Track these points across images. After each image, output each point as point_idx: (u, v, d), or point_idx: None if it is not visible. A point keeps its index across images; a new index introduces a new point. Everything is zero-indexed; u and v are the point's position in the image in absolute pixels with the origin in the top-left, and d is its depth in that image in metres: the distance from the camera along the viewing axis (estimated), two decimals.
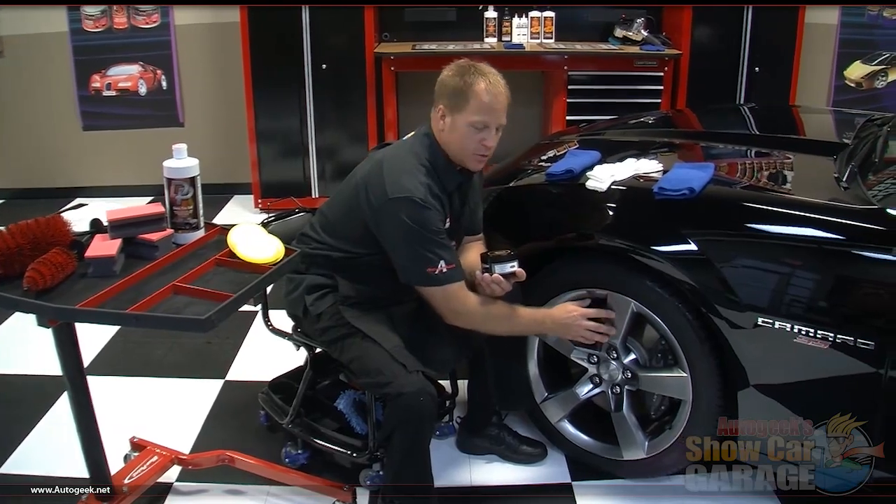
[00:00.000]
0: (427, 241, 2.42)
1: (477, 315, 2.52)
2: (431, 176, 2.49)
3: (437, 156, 2.52)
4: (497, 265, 2.51)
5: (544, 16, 5.56)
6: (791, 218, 2.43)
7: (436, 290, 2.48)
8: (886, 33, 5.81)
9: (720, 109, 4.55)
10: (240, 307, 2.03)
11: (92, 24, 5.69)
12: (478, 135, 2.45)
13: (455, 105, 2.46)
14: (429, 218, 2.42)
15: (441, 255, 2.43)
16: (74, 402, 2.25)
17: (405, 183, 2.43)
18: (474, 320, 2.54)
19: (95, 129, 5.93)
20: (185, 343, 3.80)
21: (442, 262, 2.43)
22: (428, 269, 2.43)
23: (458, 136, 2.48)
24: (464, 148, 2.48)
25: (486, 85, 2.44)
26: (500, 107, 2.46)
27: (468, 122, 2.44)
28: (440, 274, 2.44)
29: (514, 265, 2.52)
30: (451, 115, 2.47)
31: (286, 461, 2.86)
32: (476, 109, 2.43)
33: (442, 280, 2.45)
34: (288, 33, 5.26)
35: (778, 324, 2.34)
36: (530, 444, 2.96)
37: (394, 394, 2.39)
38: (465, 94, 2.44)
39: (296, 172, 5.54)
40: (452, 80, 2.48)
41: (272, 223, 2.83)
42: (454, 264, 2.47)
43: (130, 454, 2.78)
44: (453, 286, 2.47)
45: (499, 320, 2.55)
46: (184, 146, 2.29)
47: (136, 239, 2.22)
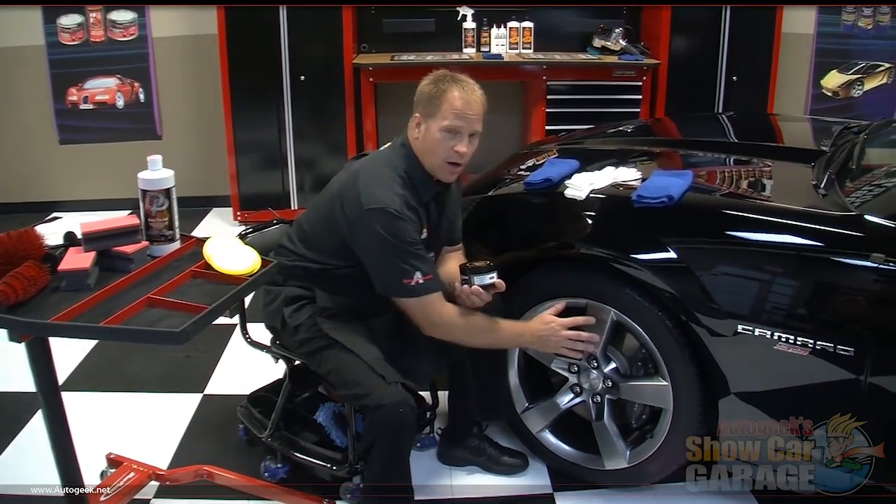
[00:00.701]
0: (403, 252, 2.40)
1: (454, 327, 2.51)
2: (407, 187, 2.48)
3: (413, 166, 2.51)
4: (476, 276, 2.49)
5: (523, 26, 5.57)
6: (770, 225, 2.43)
7: (412, 302, 2.46)
8: (862, 43, 5.86)
9: (699, 118, 4.56)
10: (215, 319, 2.01)
11: (69, 37, 5.64)
12: (450, 141, 2.44)
13: (429, 111, 2.46)
14: (404, 229, 2.40)
15: (417, 266, 2.42)
16: (48, 418, 2.21)
17: (380, 194, 2.42)
18: (452, 332, 2.52)
19: (72, 142, 5.88)
20: (164, 357, 3.76)
21: (418, 273, 2.41)
22: (404, 281, 2.42)
23: (431, 143, 2.47)
24: (436, 154, 2.47)
25: (459, 92, 2.44)
26: (473, 113, 2.45)
27: (440, 126, 2.44)
28: (416, 285, 2.42)
29: (493, 276, 2.50)
30: (426, 121, 2.47)
31: (265, 475, 2.83)
32: (448, 114, 2.43)
33: (418, 291, 2.43)
34: (266, 45, 5.24)
35: (758, 331, 2.34)
36: (511, 455, 2.94)
37: (372, 406, 2.38)
38: (439, 99, 2.44)
39: (275, 184, 5.51)
40: (428, 88, 2.49)
41: (250, 235, 2.80)
42: (431, 275, 2.45)
43: (107, 470, 2.74)
44: (430, 297, 2.45)
45: (477, 333, 2.53)
46: (159, 157, 2.27)
47: (111, 251, 2.18)
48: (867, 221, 2.31)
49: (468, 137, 2.46)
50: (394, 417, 2.36)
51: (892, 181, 2.68)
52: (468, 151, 2.47)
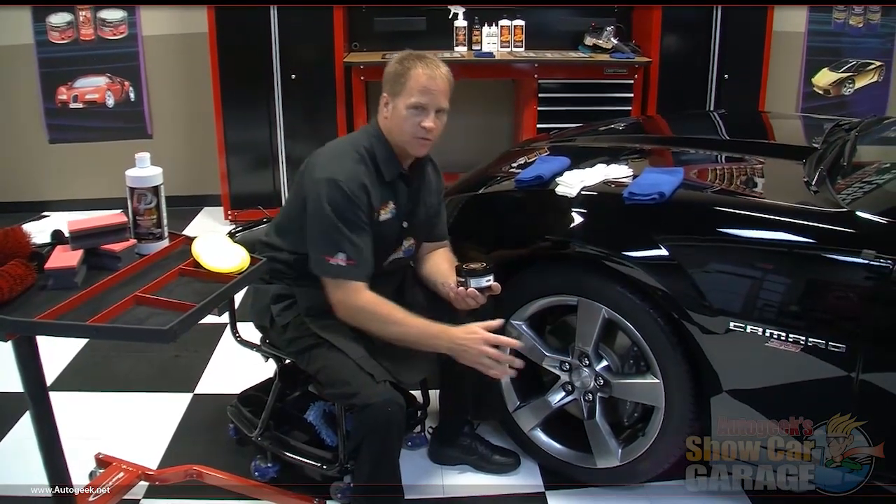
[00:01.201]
0: (335, 228, 2.41)
1: (364, 314, 2.47)
2: (365, 163, 2.49)
3: (378, 145, 2.53)
4: (473, 279, 2.46)
5: (514, 24, 5.56)
6: (761, 221, 2.43)
7: (328, 282, 2.46)
8: (853, 41, 5.88)
9: (690, 115, 4.56)
10: (203, 317, 1.99)
11: (58, 36, 5.62)
12: (417, 117, 2.45)
13: (395, 90, 2.48)
14: (345, 204, 2.41)
15: (343, 247, 2.41)
16: (36, 418, 2.18)
17: (332, 166, 2.45)
18: (361, 320, 2.48)
19: (62, 141, 5.85)
20: (154, 357, 3.74)
21: (342, 254, 2.41)
22: (326, 257, 2.42)
23: (398, 120, 2.48)
24: (404, 131, 2.48)
25: (423, 69, 2.46)
26: (438, 89, 2.47)
27: (407, 104, 2.45)
28: (335, 266, 2.42)
29: (489, 279, 2.47)
30: (393, 100, 2.49)
31: (256, 475, 2.81)
32: (413, 91, 2.45)
33: (335, 272, 2.43)
34: (257, 43, 5.22)
35: (749, 328, 2.33)
36: (503, 454, 2.93)
37: (361, 405, 2.36)
38: (404, 77, 2.46)
39: (266, 183, 5.50)
40: (393, 67, 2.51)
41: (239, 233, 2.79)
42: (356, 262, 2.43)
43: (96, 471, 2.72)
44: (347, 283, 2.44)
45: (387, 325, 2.47)
46: (147, 155, 2.25)
47: (98, 250, 2.16)
48: (859, 218, 2.31)
49: (434, 113, 2.47)
50: (382, 416, 2.34)
51: (883, 178, 2.67)
52: (435, 127, 2.48)
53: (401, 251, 2.66)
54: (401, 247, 2.65)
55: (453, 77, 2.54)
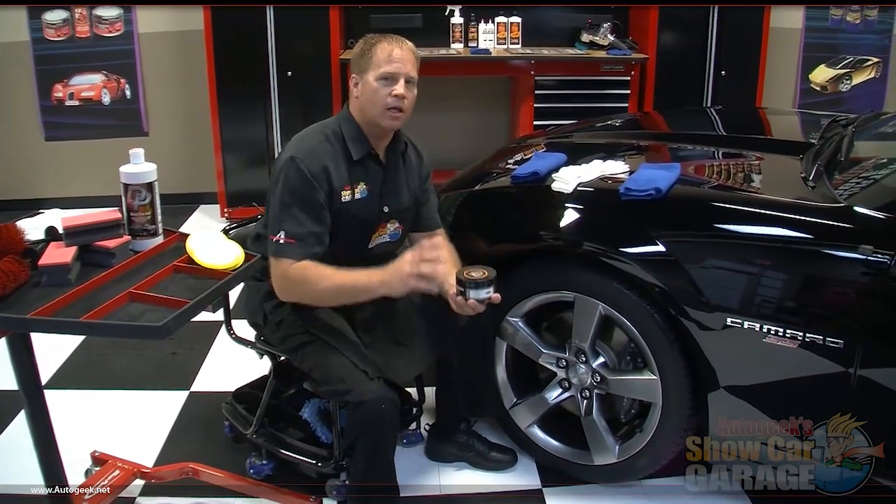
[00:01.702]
0: (282, 205, 2.41)
1: (297, 284, 2.42)
2: (330, 142, 2.49)
3: (347, 125, 2.53)
4: (472, 290, 2.36)
5: (510, 21, 5.55)
6: (759, 217, 2.42)
7: (270, 261, 2.45)
8: (850, 37, 5.88)
9: (687, 111, 4.55)
10: (198, 314, 1.99)
11: (54, 33, 5.60)
12: (387, 87, 2.44)
13: (362, 66, 2.48)
14: (297, 181, 2.41)
15: (285, 225, 2.39)
16: (31, 415, 2.18)
17: (296, 146, 2.49)
18: (297, 290, 2.44)
19: (58, 139, 5.84)
20: (150, 354, 3.74)
21: (282, 232, 2.39)
22: (270, 235, 2.42)
23: (369, 95, 2.47)
24: (375, 104, 2.46)
25: (387, 42, 2.47)
26: (405, 59, 2.47)
27: (376, 75, 2.45)
28: (274, 244, 2.40)
29: (489, 291, 2.37)
30: (361, 77, 2.49)
31: (251, 472, 2.81)
32: (380, 62, 2.45)
33: (272, 250, 2.42)
34: (253, 40, 5.21)
35: (747, 324, 2.32)
36: (500, 451, 2.93)
37: (355, 402, 2.36)
38: (368, 52, 2.47)
39: (262, 181, 5.44)
40: (358, 48, 2.53)
41: (233, 230, 2.78)
42: (295, 240, 2.39)
43: (92, 469, 2.72)
44: (283, 261, 2.40)
45: (319, 284, 2.40)
46: (141, 151, 2.25)
47: (93, 246, 2.16)
48: (856, 213, 2.30)
49: (404, 82, 2.46)
50: (376, 413, 2.33)
51: (880, 173, 2.66)
52: (406, 95, 2.47)
53: (385, 234, 2.63)
54: (385, 230, 2.62)
55: (447, 73, 2.53)
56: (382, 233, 2.62)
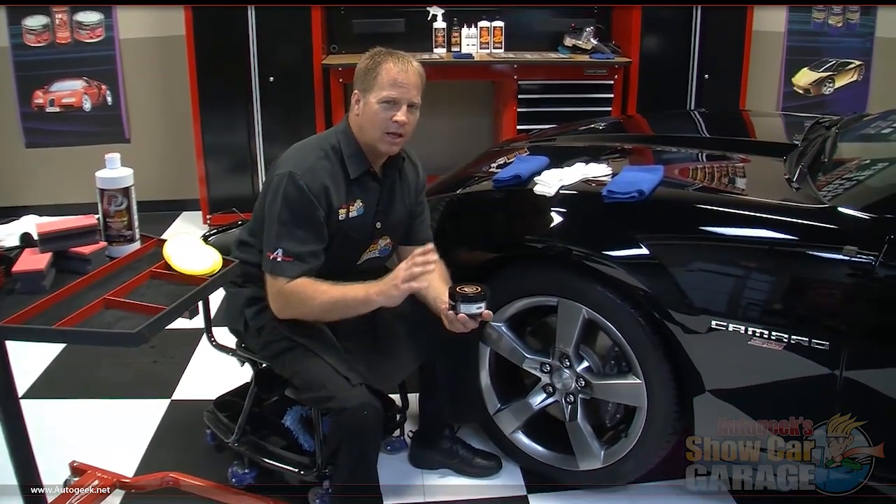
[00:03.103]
0: (279, 222, 2.38)
1: (292, 299, 2.41)
2: (329, 159, 2.46)
3: (346, 142, 2.50)
4: (464, 305, 2.35)
5: (493, 25, 5.53)
6: (743, 219, 2.42)
7: (267, 278, 2.43)
8: (832, 41, 5.89)
9: (671, 114, 4.55)
10: (174, 320, 1.96)
11: (34, 39, 5.55)
12: (388, 111, 2.42)
13: (366, 86, 2.45)
14: (296, 199, 2.38)
15: (283, 243, 2.38)
16: (6, 424, 2.14)
17: (294, 161, 2.44)
18: (293, 305, 2.43)
19: (39, 146, 5.77)
20: (131, 363, 3.69)
21: (280, 250, 2.37)
22: (267, 253, 2.40)
23: (369, 116, 2.44)
24: (375, 127, 2.44)
25: (394, 63, 2.43)
26: (410, 83, 2.44)
27: (378, 98, 2.42)
28: (271, 262, 2.39)
29: (481, 307, 2.36)
30: (364, 96, 2.46)
31: (233, 481, 2.77)
32: (384, 85, 2.42)
33: (269, 267, 2.40)
34: (234, 46, 5.17)
35: (732, 326, 2.32)
36: (484, 457, 2.90)
37: (337, 408, 2.33)
38: (374, 71, 2.43)
39: (244, 187, 5.44)
40: (364, 64, 2.48)
41: (213, 236, 2.76)
42: (292, 258, 2.38)
43: (70, 479, 2.67)
44: (279, 280, 2.39)
45: (314, 299, 2.39)
46: (117, 155, 2.22)
47: (68, 252, 2.12)
48: (841, 213, 2.30)
49: (406, 108, 2.44)
50: (358, 420, 2.31)
51: (864, 174, 2.65)
52: (407, 122, 2.44)
53: (376, 250, 2.62)
54: (376, 246, 2.61)
55: (431, 77, 2.51)
56: (373, 249, 2.61)
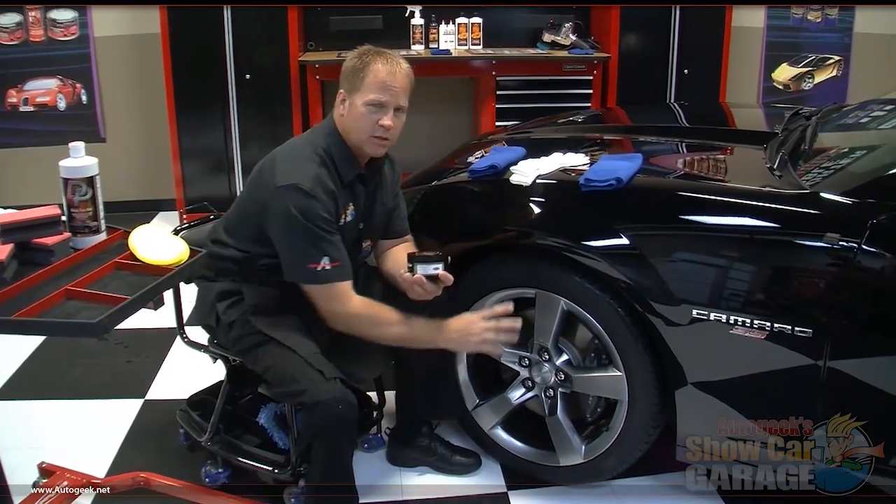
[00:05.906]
0: (311, 233, 2.32)
1: (360, 320, 2.41)
2: (325, 165, 2.40)
3: (336, 145, 2.45)
4: (420, 265, 2.36)
5: (471, 22, 5.50)
6: (725, 206, 2.40)
7: (316, 289, 2.38)
8: (811, 36, 5.91)
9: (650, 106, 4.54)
10: (137, 311, 1.91)
11: (7, 37, 5.47)
12: (375, 115, 2.38)
13: (353, 86, 2.40)
14: (315, 209, 2.32)
15: (325, 250, 2.33)
16: None
17: (293, 172, 2.36)
18: (357, 326, 2.42)
19: (12, 146, 5.70)
20: (105, 363, 3.64)
21: (326, 258, 2.33)
22: (310, 265, 2.34)
23: (355, 118, 2.40)
24: (361, 130, 2.40)
25: (383, 64, 2.39)
26: (398, 86, 2.40)
27: (365, 101, 2.38)
28: (322, 271, 2.34)
29: (438, 267, 2.36)
30: (350, 97, 2.41)
31: (206, 481, 2.72)
32: (372, 87, 2.37)
33: (322, 278, 2.35)
34: (210, 43, 5.11)
35: (713, 315, 2.28)
36: (463, 454, 2.86)
37: (310, 402, 2.28)
38: (362, 72, 2.38)
39: (221, 187, 5.38)
40: (351, 62, 2.43)
41: (184, 231, 2.71)
42: (340, 262, 2.36)
43: (39, 480, 2.61)
44: (336, 286, 2.36)
45: (384, 327, 2.42)
46: (81, 144, 2.18)
47: (30, 244, 2.07)
48: (823, 199, 2.27)
49: (393, 111, 2.40)
50: (333, 415, 2.26)
51: (845, 161, 2.63)
52: (393, 125, 2.41)
53: (359, 254, 2.60)
54: (360, 249, 2.59)
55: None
56: (358, 252, 2.58)
